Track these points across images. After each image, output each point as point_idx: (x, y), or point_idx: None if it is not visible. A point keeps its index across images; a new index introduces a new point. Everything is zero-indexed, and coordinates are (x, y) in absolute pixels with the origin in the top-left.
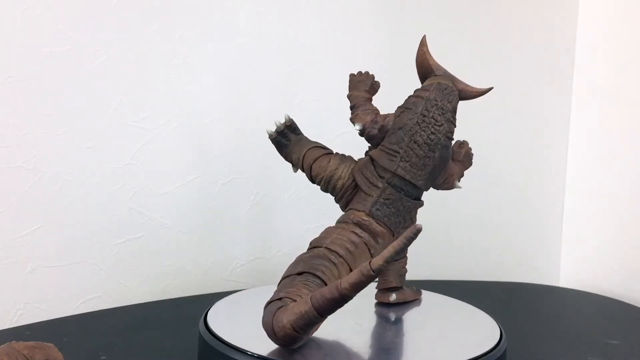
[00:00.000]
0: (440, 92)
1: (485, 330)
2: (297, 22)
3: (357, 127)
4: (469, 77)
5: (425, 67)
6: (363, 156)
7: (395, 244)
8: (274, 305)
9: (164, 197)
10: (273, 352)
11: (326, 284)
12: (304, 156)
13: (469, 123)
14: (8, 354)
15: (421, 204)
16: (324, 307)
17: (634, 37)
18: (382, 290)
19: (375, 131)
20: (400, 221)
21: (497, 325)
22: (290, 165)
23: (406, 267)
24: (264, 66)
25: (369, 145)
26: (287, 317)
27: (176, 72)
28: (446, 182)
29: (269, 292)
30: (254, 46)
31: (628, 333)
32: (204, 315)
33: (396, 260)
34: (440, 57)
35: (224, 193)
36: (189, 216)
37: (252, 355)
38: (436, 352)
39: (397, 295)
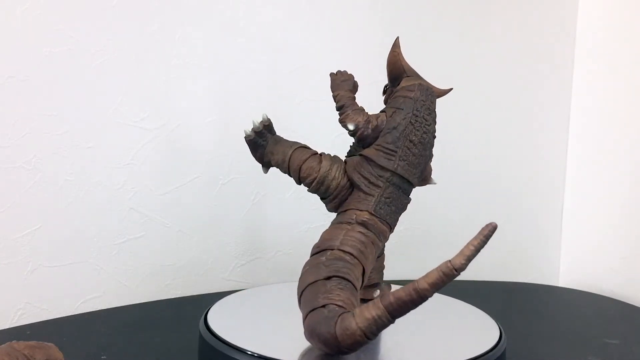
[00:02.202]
0: (424, 92)
1: (484, 330)
2: (298, 23)
3: (351, 127)
4: (469, 77)
5: (398, 68)
6: (344, 157)
7: (475, 242)
8: (319, 314)
9: (164, 197)
10: (273, 352)
11: (355, 286)
12: (290, 157)
13: (469, 123)
14: (8, 354)
15: (410, 200)
16: (399, 310)
17: (633, 37)
18: (365, 287)
19: (369, 131)
20: (397, 218)
21: (496, 325)
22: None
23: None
24: (265, 66)
25: (352, 144)
26: (358, 323)
27: (176, 72)
28: (425, 179)
29: (269, 292)
30: (254, 46)
31: (628, 333)
32: (204, 315)
33: (378, 257)
34: (441, 57)
35: (224, 193)
36: (189, 216)
37: (252, 355)
38: (436, 352)
39: (379, 291)
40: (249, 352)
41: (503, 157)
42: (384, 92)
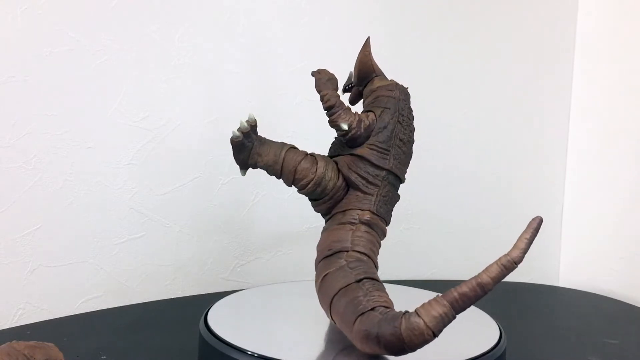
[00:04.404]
0: (402, 92)
1: (484, 330)
2: (298, 22)
3: (345, 127)
4: (469, 78)
5: (368, 68)
6: (327, 155)
7: (527, 235)
8: (372, 317)
9: (164, 197)
10: (273, 352)
11: (382, 285)
12: (283, 159)
13: (469, 123)
14: (8, 354)
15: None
16: (463, 306)
17: (633, 37)
18: None
19: (362, 131)
20: (391, 215)
21: (496, 325)
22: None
23: None
24: (264, 66)
25: (333, 144)
26: (426, 322)
27: (176, 72)
28: None
29: (269, 292)
30: (254, 46)
31: (628, 333)
32: (204, 315)
33: None
34: (440, 57)
35: (224, 193)
36: (189, 216)
37: (252, 355)
38: (436, 352)
39: None
40: (249, 352)
41: (503, 157)
42: (346, 90)
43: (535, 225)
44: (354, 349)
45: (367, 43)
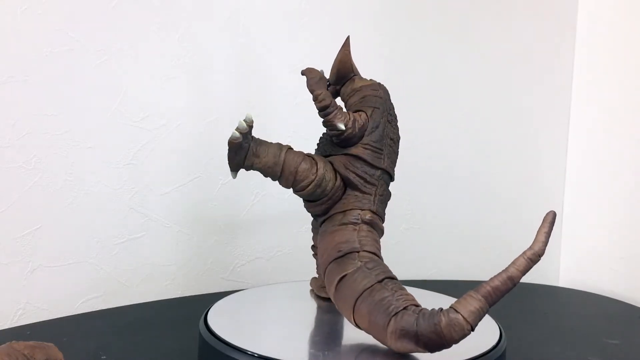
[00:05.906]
0: (385, 91)
1: (485, 330)
2: (298, 22)
3: (342, 127)
4: (470, 78)
5: (347, 68)
6: (315, 154)
7: (544, 229)
8: (408, 315)
9: (164, 197)
10: (273, 352)
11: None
12: (284, 161)
13: (469, 124)
14: (8, 354)
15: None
16: (496, 299)
17: (633, 37)
18: None
19: (356, 130)
20: (385, 214)
21: (496, 325)
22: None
23: None
24: (264, 66)
25: (319, 144)
26: (465, 317)
27: (176, 72)
28: None
29: (269, 292)
30: (254, 46)
31: (628, 333)
32: (204, 315)
33: None
34: (441, 58)
35: (224, 193)
36: (189, 216)
37: (252, 355)
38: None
39: None
40: (249, 352)
41: (503, 157)
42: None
43: (551, 219)
44: (372, 350)
45: (347, 42)
